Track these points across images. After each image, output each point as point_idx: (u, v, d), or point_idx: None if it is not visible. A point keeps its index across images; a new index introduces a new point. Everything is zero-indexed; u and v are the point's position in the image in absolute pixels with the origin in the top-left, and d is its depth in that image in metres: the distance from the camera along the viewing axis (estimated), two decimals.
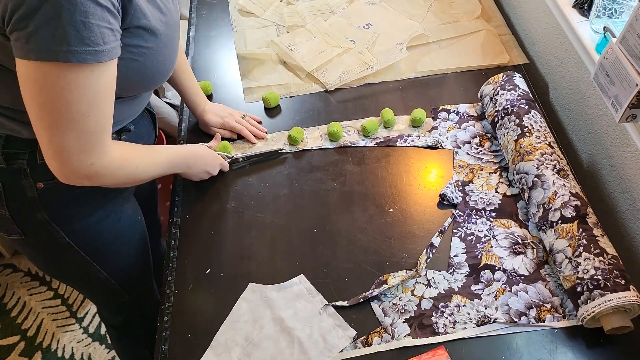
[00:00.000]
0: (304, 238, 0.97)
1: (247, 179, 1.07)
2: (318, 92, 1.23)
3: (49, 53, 0.64)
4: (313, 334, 0.85)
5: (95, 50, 0.66)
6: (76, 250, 0.94)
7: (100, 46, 0.66)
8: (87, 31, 0.64)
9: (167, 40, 0.81)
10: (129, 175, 0.82)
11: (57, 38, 0.63)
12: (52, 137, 0.70)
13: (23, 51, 0.64)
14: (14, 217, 0.88)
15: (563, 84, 1.18)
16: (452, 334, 0.84)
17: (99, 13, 0.65)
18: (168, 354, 0.85)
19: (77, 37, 0.64)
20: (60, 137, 0.70)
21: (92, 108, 0.70)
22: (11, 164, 0.83)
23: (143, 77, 0.81)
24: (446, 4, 1.41)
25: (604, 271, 0.79)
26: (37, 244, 0.94)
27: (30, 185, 0.85)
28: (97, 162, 0.74)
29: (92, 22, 0.64)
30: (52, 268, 1.02)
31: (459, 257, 0.93)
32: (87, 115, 0.70)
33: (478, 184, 1.03)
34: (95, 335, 1.71)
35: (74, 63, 0.65)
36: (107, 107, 0.72)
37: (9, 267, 1.89)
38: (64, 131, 0.69)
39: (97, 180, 0.77)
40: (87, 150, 0.72)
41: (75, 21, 0.63)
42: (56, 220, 0.89)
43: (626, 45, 0.79)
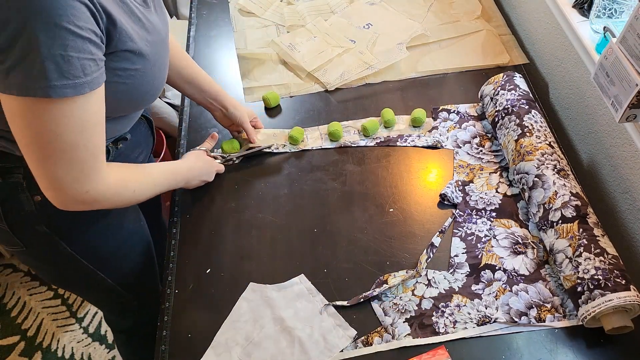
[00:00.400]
0: (305, 238, 0.97)
1: (247, 179, 1.07)
2: (318, 92, 1.23)
3: (29, 89, 0.62)
4: (313, 334, 0.85)
5: (75, 83, 0.64)
6: (79, 260, 0.94)
7: (81, 78, 0.64)
8: (67, 65, 0.62)
9: (155, 59, 0.79)
10: (126, 199, 0.81)
11: (35, 74, 0.61)
12: (44, 169, 0.69)
13: (4, 85, 0.63)
14: (14, 230, 0.87)
15: (563, 84, 1.18)
16: (452, 333, 0.84)
17: (79, 45, 0.63)
18: (168, 354, 0.85)
19: (57, 72, 0.62)
20: (52, 169, 0.69)
21: (80, 138, 0.68)
22: (8, 178, 0.82)
23: (132, 99, 0.80)
24: (446, 4, 1.41)
25: (605, 271, 0.79)
26: (40, 256, 0.93)
27: (28, 198, 0.84)
28: (93, 189, 0.73)
29: (71, 55, 0.62)
30: (56, 278, 1.02)
31: (460, 257, 0.93)
32: (76, 146, 0.68)
33: (478, 184, 1.03)
34: (95, 335, 1.71)
35: (54, 98, 0.63)
36: (97, 135, 0.71)
37: (9, 267, 1.89)
38: (55, 162, 0.68)
39: (94, 205, 0.76)
40: (81, 179, 0.71)
41: (54, 55, 0.61)
42: (57, 232, 0.88)
43: (626, 45, 0.79)
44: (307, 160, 1.09)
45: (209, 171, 1.01)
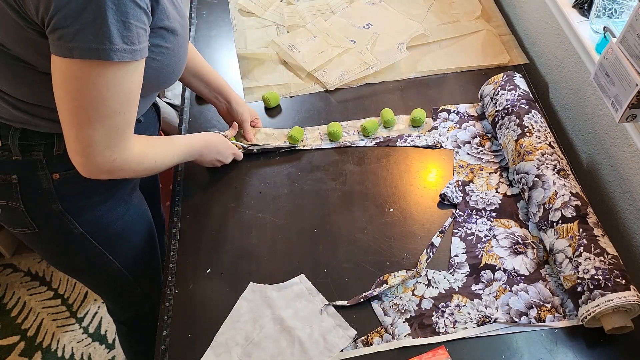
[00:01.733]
0: (304, 238, 0.97)
1: (247, 179, 1.07)
2: (318, 92, 1.23)
3: (92, 51, 0.65)
4: (313, 334, 0.85)
5: (132, 49, 0.68)
6: (90, 241, 0.95)
7: (136, 45, 0.69)
8: (127, 31, 0.67)
9: (182, 41, 0.83)
10: (147, 169, 0.85)
11: (100, 36, 0.65)
12: (82, 133, 0.72)
13: (65, 49, 0.66)
14: (28, 210, 0.88)
15: (563, 84, 1.18)
16: (452, 333, 0.84)
17: (137, 14, 0.67)
18: (168, 354, 0.85)
19: (119, 36, 0.66)
20: (90, 133, 0.72)
21: (123, 105, 0.72)
22: (27, 156, 0.84)
23: (160, 76, 0.83)
24: (446, 4, 1.41)
25: (605, 271, 0.79)
26: (51, 237, 0.94)
27: (46, 176, 0.85)
28: (120, 158, 0.77)
29: (131, 22, 0.66)
30: (64, 261, 1.03)
31: (460, 257, 0.93)
32: (118, 113, 0.72)
33: (478, 184, 1.03)
34: (95, 335, 1.71)
35: (114, 61, 0.67)
36: (135, 105, 0.75)
37: (9, 267, 1.89)
38: (95, 127, 0.72)
39: (117, 174, 0.79)
40: (112, 146, 0.75)
41: (118, 21, 0.65)
42: (70, 211, 0.90)
43: (626, 45, 0.79)
44: (307, 160, 1.09)
45: (226, 152, 1.03)
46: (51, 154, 0.84)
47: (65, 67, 0.68)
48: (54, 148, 0.84)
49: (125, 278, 1.06)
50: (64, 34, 0.65)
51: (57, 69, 0.69)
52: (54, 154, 0.84)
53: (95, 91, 0.69)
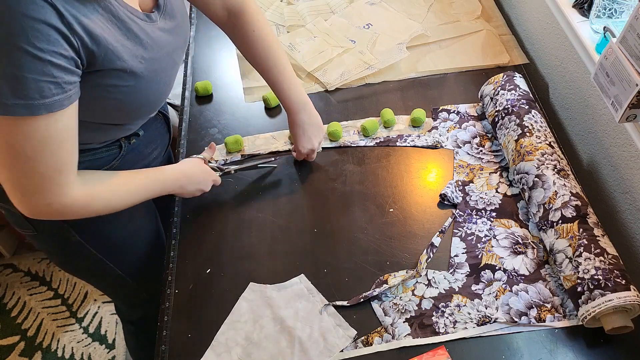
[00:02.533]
0: (304, 238, 0.97)
1: (247, 179, 1.07)
2: (318, 92, 1.23)
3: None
4: (313, 334, 0.85)
5: (30, 104, 0.62)
6: (87, 249, 0.95)
7: (37, 100, 0.63)
8: (20, 85, 0.61)
9: (151, 76, 0.77)
10: (100, 210, 0.80)
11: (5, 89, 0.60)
12: (5, 177, 0.69)
13: None
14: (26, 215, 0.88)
15: (563, 84, 1.18)
16: (452, 333, 0.84)
17: (37, 67, 0.61)
18: (168, 354, 0.85)
19: (9, 90, 0.61)
20: (13, 177, 0.68)
21: (41, 154, 0.67)
22: None
23: (125, 112, 0.79)
24: (446, 4, 1.41)
25: (605, 271, 0.79)
26: (50, 241, 0.94)
27: None
28: (56, 202, 0.72)
29: (26, 76, 0.61)
30: (66, 265, 1.03)
31: (460, 257, 0.93)
32: (36, 161, 0.67)
33: (478, 184, 1.03)
34: (95, 335, 1.71)
35: (10, 116, 0.62)
36: (63, 151, 0.69)
37: (9, 267, 1.89)
38: (15, 172, 0.68)
39: (61, 217, 0.75)
40: (41, 191, 0.70)
41: (6, 74, 0.60)
42: (67, 220, 0.88)
43: (626, 45, 0.79)
44: (307, 160, 1.09)
45: (206, 180, 0.97)
46: None
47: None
48: None
49: (128, 284, 1.06)
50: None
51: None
52: None
53: (2, 141, 0.65)
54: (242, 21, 0.94)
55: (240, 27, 0.95)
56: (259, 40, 0.96)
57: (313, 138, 1.02)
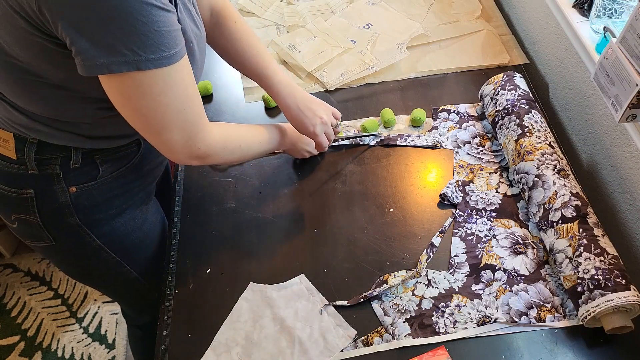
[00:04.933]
0: (304, 238, 0.97)
1: (247, 179, 1.07)
2: (318, 92, 1.23)
3: (130, 64, 0.65)
4: (313, 334, 0.85)
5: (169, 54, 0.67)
6: (107, 253, 0.94)
7: (174, 49, 0.68)
8: (161, 39, 0.65)
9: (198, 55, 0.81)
10: (234, 153, 0.87)
11: (138, 49, 0.64)
12: (159, 138, 0.74)
13: (103, 67, 0.64)
14: (45, 224, 0.87)
15: (563, 84, 1.18)
16: (452, 333, 0.84)
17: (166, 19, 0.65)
18: (168, 354, 0.85)
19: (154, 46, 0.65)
20: (167, 136, 0.74)
21: (185, 102, 0.73)
22: (43, 170, 0.83)
23: None
24: (446, 4, 1.41)
25: (605, 271, 0.79)
26: (68, 250, 0.93)
27: (63, 189, 0.84)
28: (203, 145, 0.79)
29: (162, 30, 0.65)
30: (81, 273, 1.02)
31: (460, 257, 0.93)
32: (183, 110, 0.73)
33: (478, 184, 1.03)
34: (95, 335, 1.71)
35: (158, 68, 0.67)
36: (196, 96, 0.75)
37: (9, 267, 1.89)
38: (169, 130, 0.73)
39: (206, 160, 0.82)
40: (192, 137, 0.77)
41: (151, 31, 0.64)
42: (87, 224, 0.89)
43: (626, 45, 0.79)
44: (307, 160, 1.09)
45: (311, 145, 1.03)
46: (68, 168, 0.83)
47: (111, 84, 0.68)
48: (70, 161, 0.83)
49: (142, 285, 1.05)
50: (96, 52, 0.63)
51: (108, 89, 0.69)
52: (70, 167, 0.83)
53: (152, 101, 0.69)
54: (223, 17, 0.97)
55: (222, 23, 0.96)
56: (241, 31, 0.98)
57: (317, 111, 0.98)
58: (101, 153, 0.85)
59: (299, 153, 1.04)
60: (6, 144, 0.82)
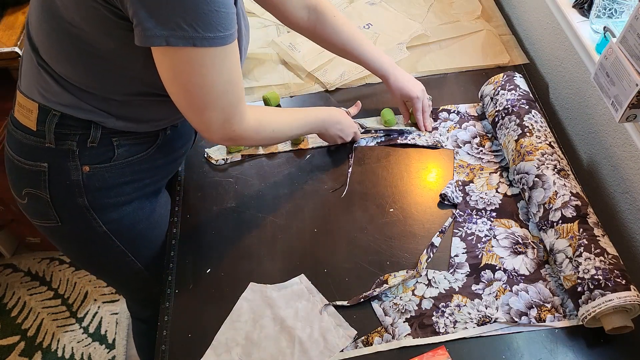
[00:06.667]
0: (305, 238, 0.97)
1: (247, 179, 1.07)
2: (318, 92, 1.23)
3: (187, 39, 0.67)
4: (313, 334, 0.85)
5: (224, 35, 0.70)
6: (112, 240, 0.94)
7: (229, 31, 0.70)
8: (219, 19, 0.68)
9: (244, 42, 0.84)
10: (266, 137, 0.90)
11: (197, 26, 0.67)
12: (200, 116, 0.77)
13: (161, 38, 0.67)
14: (54, 201, 0.88)
15: (563, 84, 1.18)
16: (452, 333, 0.84)
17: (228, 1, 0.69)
18: (169, 354, 0.85)
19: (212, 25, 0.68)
20: (208, 115, 0.77)
21: (228, 85, 0.75)
22: (60, 145, 0.84)
23: None
24: (446, 4, 1.41)
25: (605, 271, 0.79)
26: (73, 232, 0.94)
27: (76, 167, 0.85)
28: (238, 127, 0.82)
29: (221, 11, 0.68)
30: (85, 258, 1.02)
31: (460, 257, 0.93)
32: (226, 92, 0.76)
33: (478, 184, 1.03)
34: (95, 335, 1.71)
35: (211, 47, 0.69)
36: (239, 81, 0.78)
37: (9, 267, 1.89)
38: (211, 109, 0.76)
39: (239, 142, 0.86)
40: (229, 119, 0.79)
41: (210, 11, 0.67)
42: (95, 208, 0.90)
43: (626, 45, 0.79)
44: (307, 160, 1.09)
45: (348, 128, 1.06)
46: (84, 145, 0.84)
47: (164, 58, 0.70)
48: (88, 139, 0.84)
49: (146, 277, 1.05)
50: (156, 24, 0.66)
51: (159, 62, 0.71)
52: (87, 145, 0.84)
53: (200, 78, 0.72)
54: (322, 13, 1.04)
55: (322, 19, 1.04)
56: (340, 24, 1.06)
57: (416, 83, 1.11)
58: (119, 136, 0.86)
59: (332, 138, 1.06)
60: (29, 114, 0.83)
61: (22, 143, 0.85)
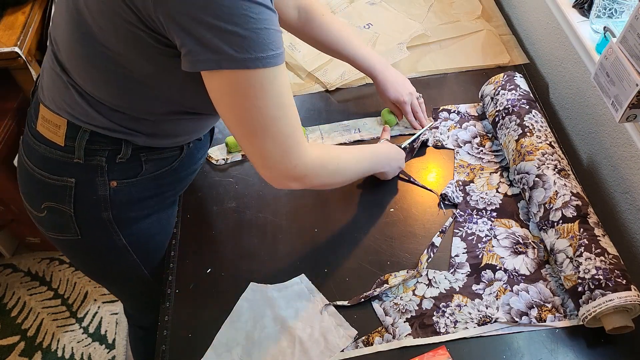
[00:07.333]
0: (305, 238, 0.97)
1: (247, 179, 1.07)
2: (319, 92, 1.23)
3: (238, 62, 0.64)
4: (314, 334, 0.85)
5: (276, 54, 0.66)
6: (129, 253, 0.93)
7: (279, 49, 0.67)
8: (269, 37, 0.65)
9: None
10: (332, 174, 0.84)
11: (245, 47, 0.63)
12: (253, 146, 0.72)
13: (209, 62, 0.64)
14: (77, 215, 0.86)
15: (563, 84, 1.18)
16: (453, 333, 0.84)
17: (273, 19, 0.65)
18: (169, 354, 0.85)
19: (263, 44, 0.64)
20: (261, 145, 0.71)
21: (280, 110, 0.70)
22: (89, 160, 0.82)
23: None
24: (447, 4, 1.41)
25: (605, 271, 0.79)
26: (92, 246, 0.92)
27: (104, 182, 0.83)
28: (300, 163, 0.75)
29: (271, 29, 0.65)
30: (98, 270, 1.01)
31: (460, 256, 0.93)
32: (278, 118, 0.70)
33: (479, 184, 1.03)
34: (95, 335, 1.71)
35: (260, 68, 0.65)
36: (293, 108, 0.72)
37: (8, 267, 1.89)
38: (262, 138, 0.71)
39: (304, 181, 0.78)
40: (287, 152, 0.73)
41: (260, 29, 0.64)
42: (118, 221, 0.88)
43: (626, 45, 0.79)
44: None
45: (402, 159, 1.01)
46: (113, 161, 0.82)
47: (214, 82, 0.67)
48: (117, 155, 0.82)
49: (154, 287, 1.04)
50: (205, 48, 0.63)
51: (209, 86, 0.68)
52: (116, 161, 0.82)
53: (248, 102, 0.68)
54: (311, 13, 1.02)
55: (312, 18, 1.03)
56: (328, 22, 1.05)
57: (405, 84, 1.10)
58: (147, 151, 0.84)
59: (393, 171, 1.00)
60: (57, 130, 0.81)
61: (47, 157, 0.83)
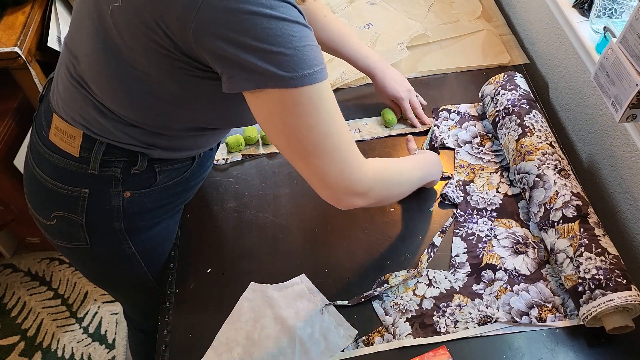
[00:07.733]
0: (305, 237, 0.97)
1: (247, 179, 1.07)
2: None
3: (281, 81, 0.62)
4: (314, 334, 0.85)
5: (321, 69, 0.65)
6: (138, 261, 0.93)
7: (322, 64, 0.66)
8: (312, 53, 0.64)
9: None
10: (395, 185, 0.83)
11: (292, 66, 0.62)
12: (310, 167, 0.70)
13: (251, 83, 0.63)
14: (88, 225, 0.85)
15: (563, 84, 1.18)
16: (453, 333, 0.84)
17: (312, 35, 0.65)
18: (169, 354, 0.85)
19: (307, 61, 0.63)
20: (318, 164, 0.69)
21: (331, 126, 0.68)
22: (104, 171, 0.81)
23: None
24: (447, 3, 1.41)
25: (606, 271, 0.80)
26: (100, 254, 0.92)
27: (118, 193, 0.83)
28: (362, 177, 0.73)
29: (312, 45, 0.64)
30: (105, 278, 1.01)
31: (460, 256, 0.93)
32: (332, 135, 0.68)
33: (479, 184, 1.03)
34: (95, 335, 1.71)
35: (307, 85, 0.64)
36: (343, 122, 0.70)
37: (8, 267, 1.89)
38: (318, 156, 0.68)
39: (369, 195, 0.75)
40: (347, 167, 0.71)
41: (303, 46, 0.63)
42: (129, 230, 0.88)
43: (626, 45, 0.79)
44: None
45: (441, 164, 1.00)
46: (128, 172, 0.82)
47: (258, 101, 0.66)
48: (133, 166, 0.82)
49: (157, 293, 1.04)
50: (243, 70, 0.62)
51: (256, 109, 0.67)
52: (131, 172, 0.82)
53: (299, 120, 0.66)
54: (313, 13, 1.02)
55: (313, 18, 1.02)
56: (329, 22, 1.05)
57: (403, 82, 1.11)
58: (160, 162, 0.84)
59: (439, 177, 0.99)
60: (72, 141, 0.80)
61: (60, 167, 0.82)
